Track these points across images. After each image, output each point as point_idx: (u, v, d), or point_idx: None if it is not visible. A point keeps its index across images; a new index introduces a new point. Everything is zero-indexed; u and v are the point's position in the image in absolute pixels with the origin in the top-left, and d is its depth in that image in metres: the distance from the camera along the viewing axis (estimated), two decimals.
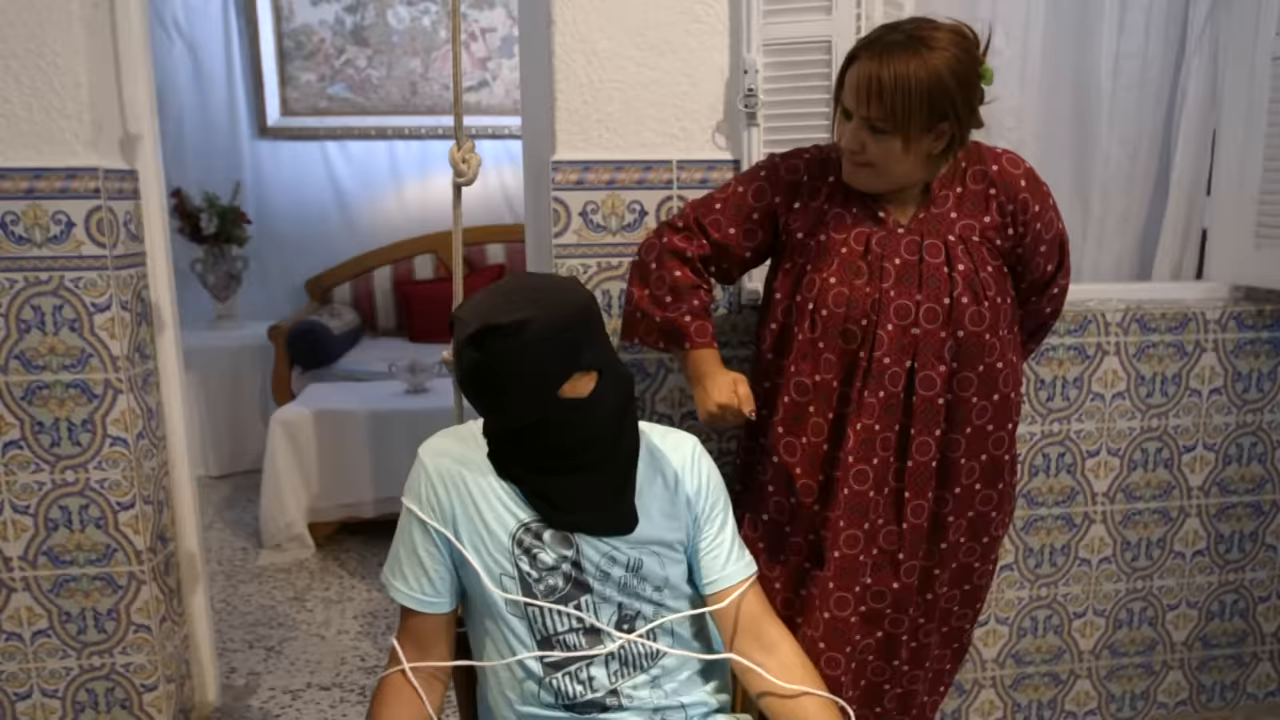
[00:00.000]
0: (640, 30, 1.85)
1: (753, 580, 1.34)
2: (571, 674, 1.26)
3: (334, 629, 2.71)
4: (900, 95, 1.31)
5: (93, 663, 1.99)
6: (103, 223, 1.83)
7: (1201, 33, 2.23)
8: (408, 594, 1.28)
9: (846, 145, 1.41)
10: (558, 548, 1.24)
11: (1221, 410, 2.19)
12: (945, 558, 1.55)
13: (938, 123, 1.35)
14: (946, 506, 1.52)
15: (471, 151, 1.42)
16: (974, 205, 1.46)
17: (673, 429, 1.38)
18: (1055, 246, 1.52)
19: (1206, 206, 2.32)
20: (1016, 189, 1.46)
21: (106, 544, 1.95)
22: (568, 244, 1.88)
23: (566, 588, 1.24)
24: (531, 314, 1.13)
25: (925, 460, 1.47)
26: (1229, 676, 2.35)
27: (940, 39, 1.33)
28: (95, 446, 1.91)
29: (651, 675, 1.29)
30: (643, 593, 1.27)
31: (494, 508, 1.24)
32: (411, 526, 1.27)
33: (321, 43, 4.51)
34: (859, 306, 1.44)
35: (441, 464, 1.26)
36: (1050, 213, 1.49)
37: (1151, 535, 2.22)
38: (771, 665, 1.28)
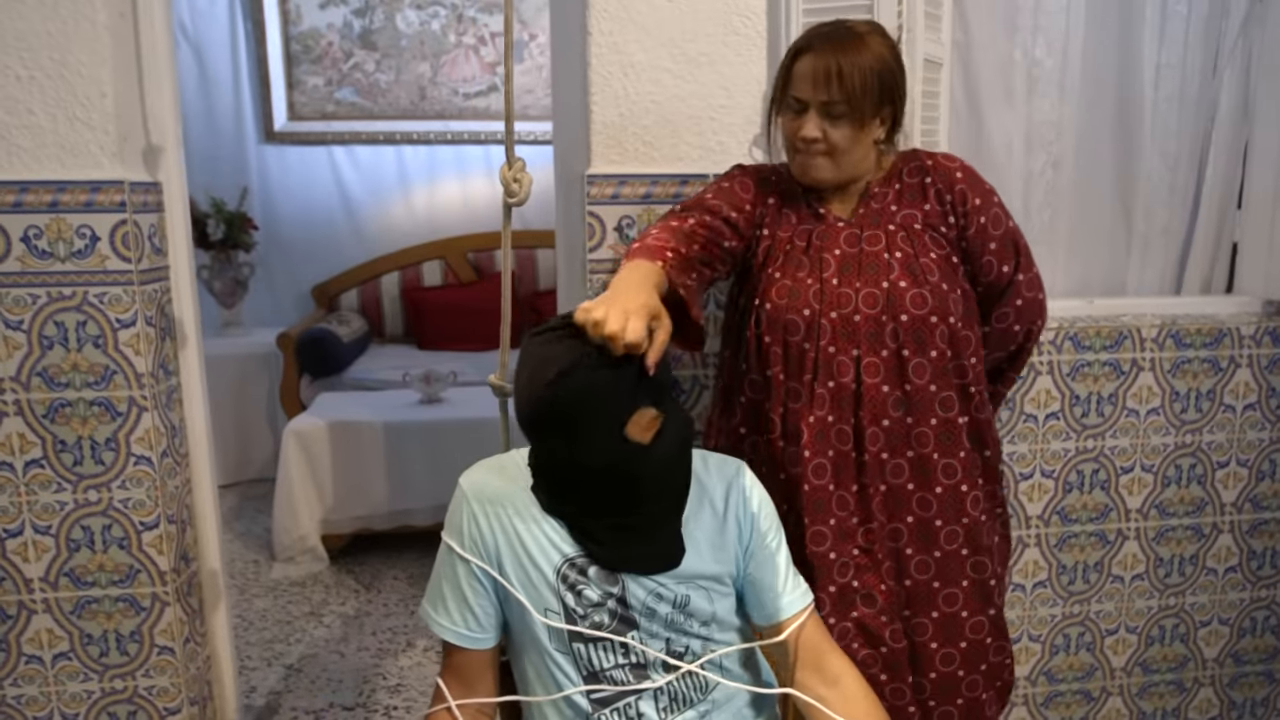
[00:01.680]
0: (677, 42, 1.81)
1: (811, 610, 1.30)
2: (620, 710, 1.22)
3: (354, 645, 2.67)
4: (858, 78, 1.37)
5: (115, 686, 1.95)
6: (128, 236, 1.79)
7: (1234, 45, 2.21)
8: (451, 629, 1.24)
9: (806, 134, 1.44)
10: (603, 584, 1.20)
11: (1255, 426, 2.17)
12: (929, 584, 1.50)
13: (883, 107, 1.42)
14: (930, 510, 1.49)
15: (523, 171, 1.38)
16: (913, 196, 1.50)
17: (717, 454, 1.34)
18: (1007, 244, 1.51)
19: (1237, 220, 2.30)
20: (953, 179, 1.49)
21: (130, 565, 1.90)
22: (603, 259, 1.85)
23: (613, 624, 1.21)
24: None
25: (876, 451, 1.46)
26: (1260, 693, 2.33)
27: (865, 26, 1.43)
28: (119, 465, 1.86)
29: (700, 711, 1.25)
30: (690, 629, 1.24)
31: (539, 541, 1.20)
32: (454, 561, 1.23)
33: (329, 46, 4.47)
34: (801, 297, 1.47)
35: (484, 497, 1.23)
36: (995, 209, 1.50)
37: (1185, 552, 2.20)
38: (834, 699, 1.24)
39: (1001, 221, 1.51)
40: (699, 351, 1.68)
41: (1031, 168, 2.23)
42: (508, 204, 1.40)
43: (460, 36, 4.49)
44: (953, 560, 1.50)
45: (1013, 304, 1.54)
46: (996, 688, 1.58)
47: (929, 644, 1.51)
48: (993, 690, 1.57)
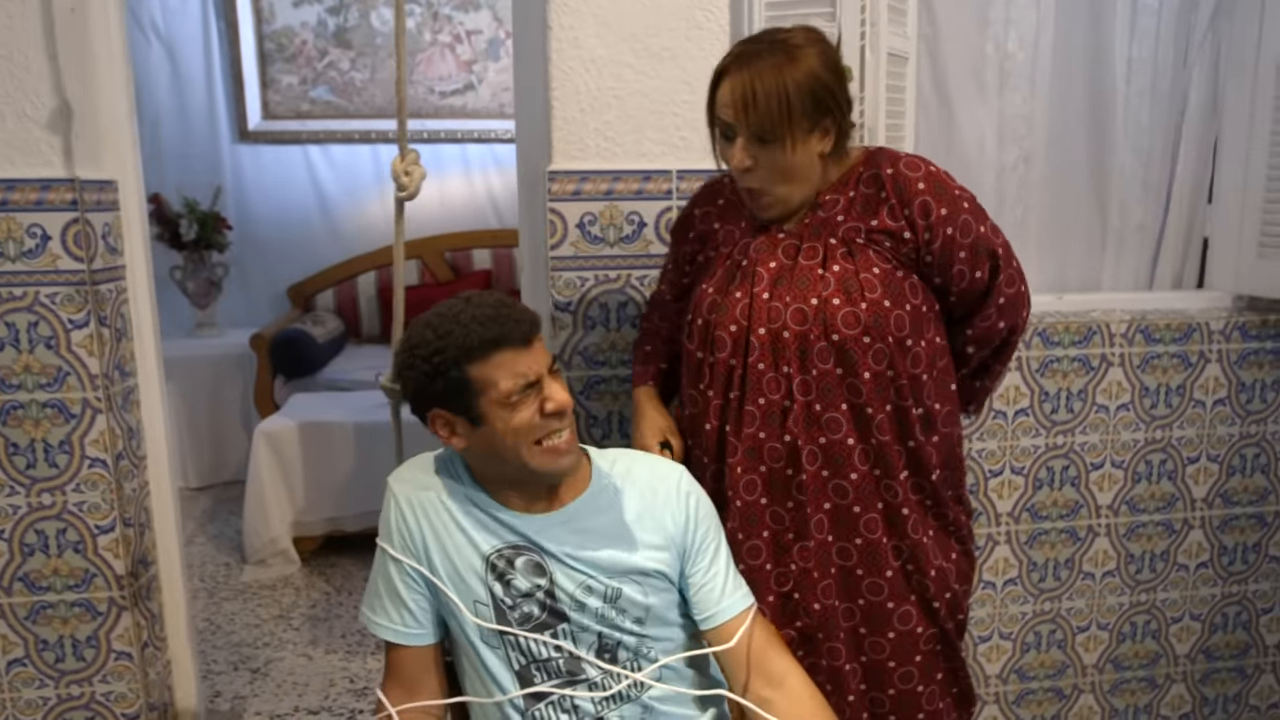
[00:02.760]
0: (639, 37, 1.79)
1: (753, 612, 1.28)
2: (555, 703, 1.22)
3: (321, 648, 2.64)
4: (778, 98, 1.30)
5: (71, 692, 1.92)
6: (80, 235, 1.76)
7: (1203, 40, 2.20)
8: (389, 627, 1.25)
9: (736, 165, 1.37)
10: (530, 576, 1.20)
11: (1225, 421, 2.16)
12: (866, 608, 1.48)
13: (821, 120, 1.34)
14: (875, 532, 1.44)
15: (415, 164, 1.36)
16: (864, 208, 1.40)
17: (661, 459, 1.34)
18: (979, 252, 1.40)
19: (1208, 215, 2.30)
20: (913, 192, 1.38)
21: (85, 569, 1.87)
22: (564, 256, 1.83)
23: (543, 615, 1.21)
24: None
25: (816, 470, 1.41)
26: (1232, 689, 2.32)
27: (799, 37, 1.34)
28: (73, 468, 1.83)
29: (641, 705, 1.24)
30: (621, 624, 1.22)
31: (467, 532, 1.21)
32: (387, 562, 1.24)
33: (303, 45, 4.43)
34: (728, 313, 1.42)
35: (411, 493, 1.24)
36: (964, 216, 1.38)
37: (1155, 548, 2.19)
38: (779, 700, 1.23)
39: (971, 228, 1.39)
40: None
41: (1004, 162, 2.22)
42: (399, 198, 1.39)
43: (436, 35, 4.46)
44: (900, 578, 1.46)
45: (994, 304, 1.45)
46: (954, 694, 1.55)
47: (887, 662, 1.48)
48: (949, 698, 1.55)
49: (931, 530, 1.46)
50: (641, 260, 1.85)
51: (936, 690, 1.52)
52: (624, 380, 1.88)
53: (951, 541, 1.50)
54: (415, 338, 1.16)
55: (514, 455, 1.16)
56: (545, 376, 1.16)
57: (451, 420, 1.17)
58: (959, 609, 1.51)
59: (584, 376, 1.88)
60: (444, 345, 1.12)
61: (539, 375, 1.15)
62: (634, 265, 1.85)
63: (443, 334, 1.13)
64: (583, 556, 1.20)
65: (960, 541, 1.51)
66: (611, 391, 1.88)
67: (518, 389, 1.13)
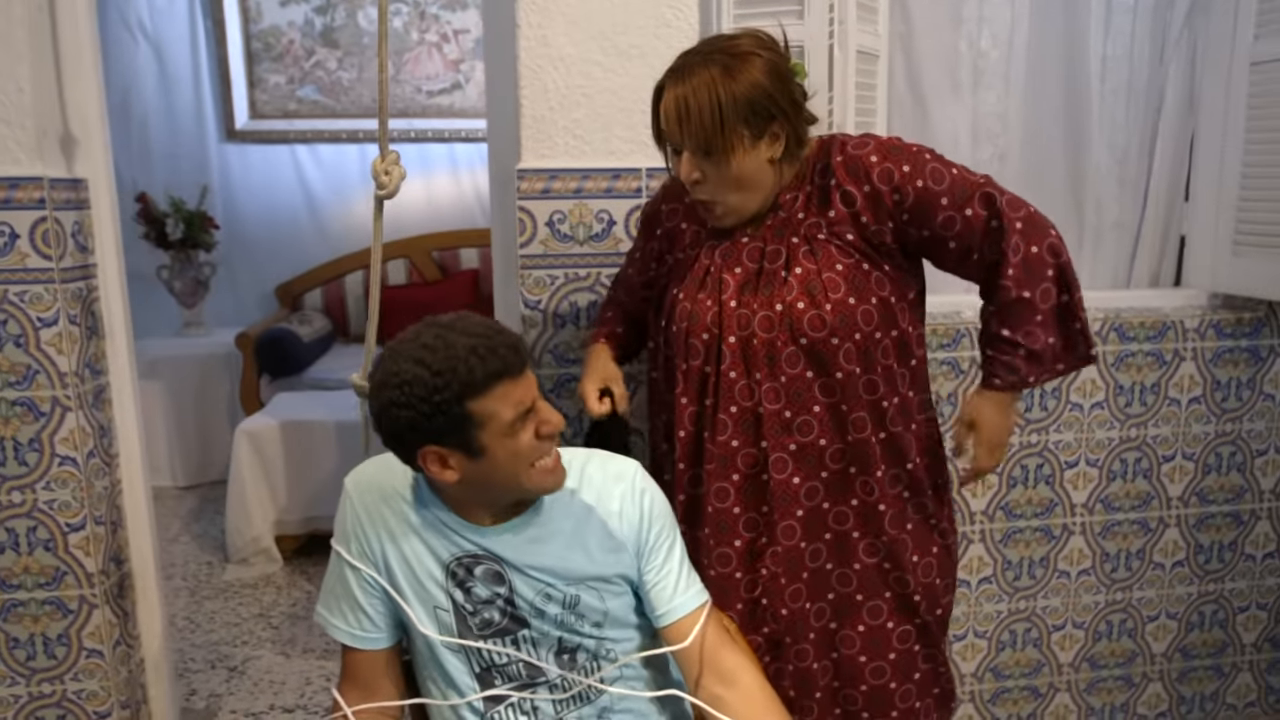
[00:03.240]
0: (608, 35, 1.79)
1: (707, 610, 1.28)
2: (514, 705, 1.22)
3: (299, 647, 2.64)
4: (711, 111, 1.28)
5: (42, 690, 1.91)
6: (49, 234, 1.75)
7: (1179, 37, 2.20)
8: (346, 630, 1.24)
9: (684, 179, 1.36)
10: (490, 584, 1.19)
11: (1201, 420, 2.16)
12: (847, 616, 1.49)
13: (766, 126, 1.32)
14: (846, 524, 1.45)
15: (396, 164, 1.36)
16: (819, 202, 1.39)
17: (616, 456, 1.32)
18: (959, 192, 1.34)
19: (1185, 213, 2.30)
20: (868, 165, 1.36)
21: (56, 567, 1.87)
22: (534, 254, 1.83)
23: (503, 621, 1.20)
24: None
25: (786, 477, 1.41)
26: (1209, 687, 2.32)
27: (741, 44, 1.32)
28: (43, 466, 1.83)
29: (599, 707, 1.24)
30: (581, 629, 1.22)
31: (425, 540, 1.19)
32: (343, 565, 1.23)
33: (290, 44, 4.43)
34: (699, 321, 1.42)
35: (369, 498, 1.22)
36: (931, 163, 1.35)
37: (1131, 546, 2.19)
38: (732, 698, 1.23)
39: (943, 174, 1.34)
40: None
41: (978, 160, 2.21)
42: (378, 196, 1.39)
43: (423, 34, 4.46)
44: (873, 573, 1.46)
45: (1008, 258, 1.34)
46: (935, 695, 1.55)
47: (858, 657, 1.49)
48: (930, 698, 1.55)
49: (911, 524, 1.47)
50: (611, 258, 1.85)
51: (913, 689, 1.52)
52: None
53: (934, 535, 1.50)
54: (406, 374, 1.07)
55: (511, 480, 1.14)
56: (537, 399, 1.15)
57: (446, 455, 1.11)
58: (938, 604, 1.51)
59: (554, 375, 1.88)
60: (444, 383, 1.06)
61: (533, 400, 1.13)
62: (604, 264, 1.85)
63: (439, 371, 1.06)
64: (541, 565, 1.20)
65: (941, 535, 1.51)
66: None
67: (517, 418, 1.11)
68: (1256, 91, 2.03)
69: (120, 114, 4.31)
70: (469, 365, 1.07)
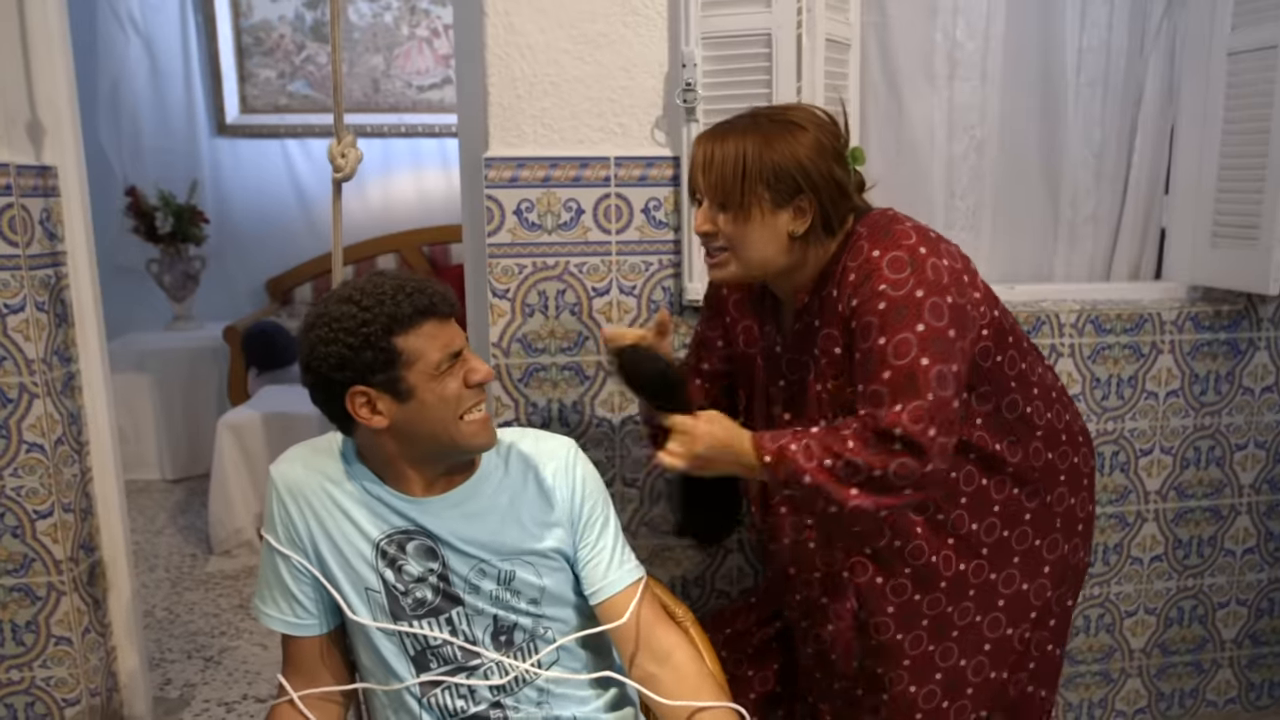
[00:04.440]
0: (575, 23, 1.79)
1: (642, 587, 1.27)
2: (451, 689, 1.21)
3: (277, 638, 2.63)
4: (734, 163, 1.27)
5: (11, 676, 1.92)
6: (14, 220, 1.75)
7: (1159, 27, 2.19)
8: (280, 619, 1.24)
9: (699, 229, 1.35)
10: (422, 560, 1.19)
11: (1179, 413, 2.15)
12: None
13: (792, 198, 1.29)
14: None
15: (352, 146, 1.37)
16: (829, 313, 1.33)
17: (549, 434, 1.32)
18: (869, 361, 1.23)
19: (1165, 204, 2.28)
20: (849, 286, 1.29)
21: (24, 553, 1.87)
22: (501, 243, 1.82)
23: (436, 600, 1.20)
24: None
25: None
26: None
27: (793, 115, 1.31)
28: (10, 453, 1.83)
29: (537, 687, 1.24)
30: (517, 605, 1.22)
31: (354, 519, 1.19)
32: (273, 554, 1.23)
33: (281, 39, 4.43)
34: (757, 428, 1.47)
35: (293, 482, 1.21)
36: (870, 318, 1.23)
37: (1109, 540, 2.18)
38: (666, 676, 1.23)
39: (871, 333, 1.23)
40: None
41: (954, 152, 2.20)
42: (335, 179, 1.40)
43: (413, 29, 4.46)
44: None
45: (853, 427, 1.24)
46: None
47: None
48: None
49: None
50: (579, 247, 1.84)
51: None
52: (563, 368, 1.87)
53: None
54: (335, 312, 1.11)
55: (440, 428, 1.14)
56: (465, 349, 1.16)
57: (374, 397, 1.12)
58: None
59: (523, 364, 1.87)
60: (371, 316, 1.09)
61: (461, 347, 1.15)
62: (572, 252, 1.84)
63: (367, 306, 1.10)
64: (474, 540, 1.20)
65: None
66: (550, 379, 1.88)
67: (445, 359, 1.13)
68: (1234, 82, 2.02)
69: (111, 108, 4.32)
70: (396, 300, 1.10)
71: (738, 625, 1.70)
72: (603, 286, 1.86)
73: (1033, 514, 1.46)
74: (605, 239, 1.84)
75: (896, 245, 1.27)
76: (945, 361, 1.20)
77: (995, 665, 1.47)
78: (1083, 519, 1.53)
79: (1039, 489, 1.46)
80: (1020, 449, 1.43)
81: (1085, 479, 1.53)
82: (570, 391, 1.88)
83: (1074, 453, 1.51)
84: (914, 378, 1.19)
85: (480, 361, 1.17)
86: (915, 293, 1.22)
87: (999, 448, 1.41)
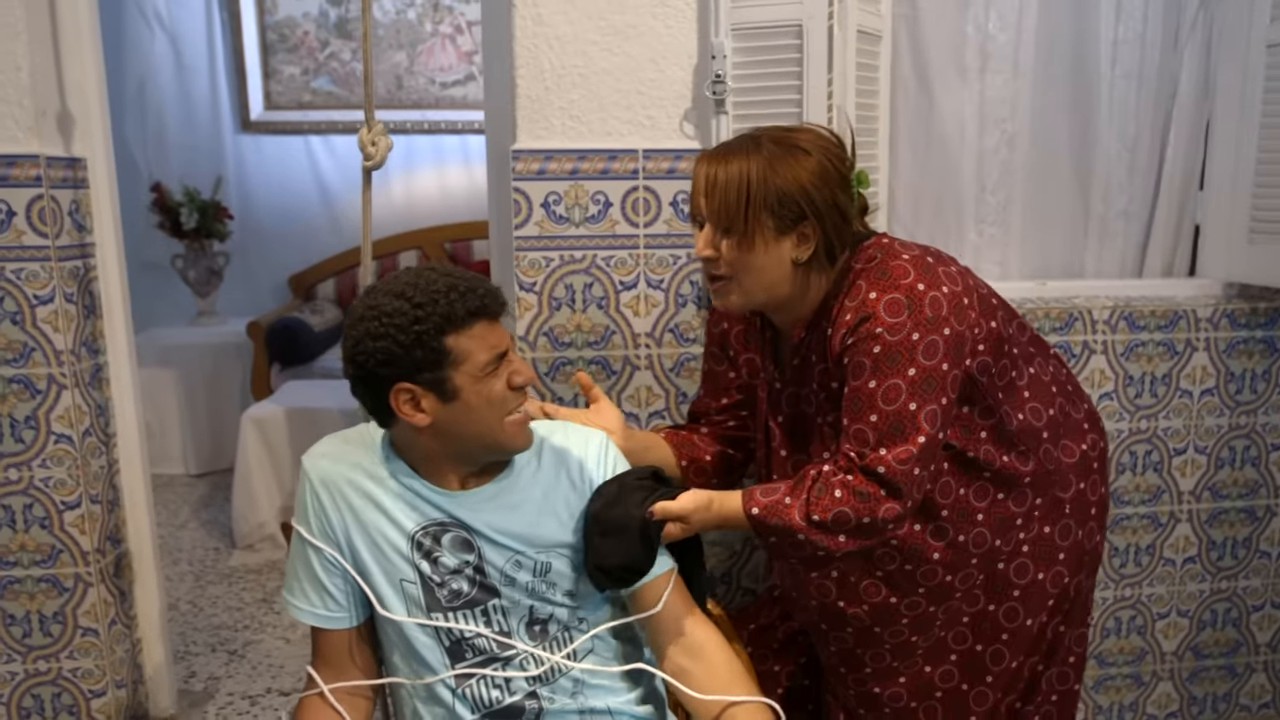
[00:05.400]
0: (604, 14, 1.77)
1: (672, 577, 1.26)
2: (486, 680, 1.20)
3: (300, 632, 2.64)
4: (738, 188, 1.25)
5: (38, 668, 1.92)
6: (45, 211, 1.76)
7: (1195, 19, 2.15)
8: (310, 611, 1.23)
9: (699, 253, 1.32)
10: (458, 552, 1.18)
11: (1213, 412, 2.11)
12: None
13: (795, 224, 1.27)
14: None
15: (382, 135, 1.36)
16: (825, 349, 1.32)
17: (580, 426, 1.33)
18: (855, 402, 1.24)
19: (1200, 200, 2.24)
20: (840, 326, 1.28)
21: (52, 544, 1.88)
22: (529, 236, 1.81)
23: (472, 592, 1.19)
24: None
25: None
26: (1222, 688, 2.26)
27: (797, 138, 1.29)
28: (39, 444, 1.84)
29: (573, 678, 1.23)
30: (552, 597, 1.21)
31: (389, 511, 1.18)
32: (305, 546, 1.21)
33: (305, 36, 4.45)
34: (760, 461, 1.49)
35: (326, 474, 1.20)
36: (861, 358, 1.24)
37: (1140, 541, 2.14)
38: (697, 670, 1.22)
39: (863, 374, 1.23)
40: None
41: (984, 146, 2.17)
42: (365, 168, 1.39)
43: (437, 25, 4.47)
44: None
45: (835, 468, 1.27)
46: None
47: None
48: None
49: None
50: (607, 240, 1.83)
51: None
52: (590, 362, 1.86)
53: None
54: (386, 306, 1.09)
55: (484, 429, 1.14)
56: (510, 349, 1.16)
57: (419, 394, 1.11)
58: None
59: (549, 358, 1.86)
60: (424, 314, 1.08)
61: (506, 348, 1.15)
62: (599, 245, 1.83)
63: (420, 303, 1.09)
64: (510, 531, 1.19)
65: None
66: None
67: (492, 360, 1.12)
68: (1273, 75, 1.98)
69: (136, 104, 4.35)
70: (450, 300, 1.09)
71: (761, 620, 1.69)
72: (630, 280, 1.85)
73: (1044, 509, 1.45)
74: (633, 232, 1.83)
75: (894, 286, 1.25)
76: (935, 400, 1.23)
77: (1014, 653, 1.47)
78: (1095, 503, 1.51)
79: (1053, 488, 1.45)
80: (1031, 457, 1.41)
81: (1095, 463, 1.51)
82: (597, 385, 1.87)
83: (1080, 441, 1.49)
84: (901, 424, 1.22)
85: (524, 364, 1.17)
86: (911, 336, 1.22)
87: (1008, 459, 1.39)
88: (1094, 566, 1.54)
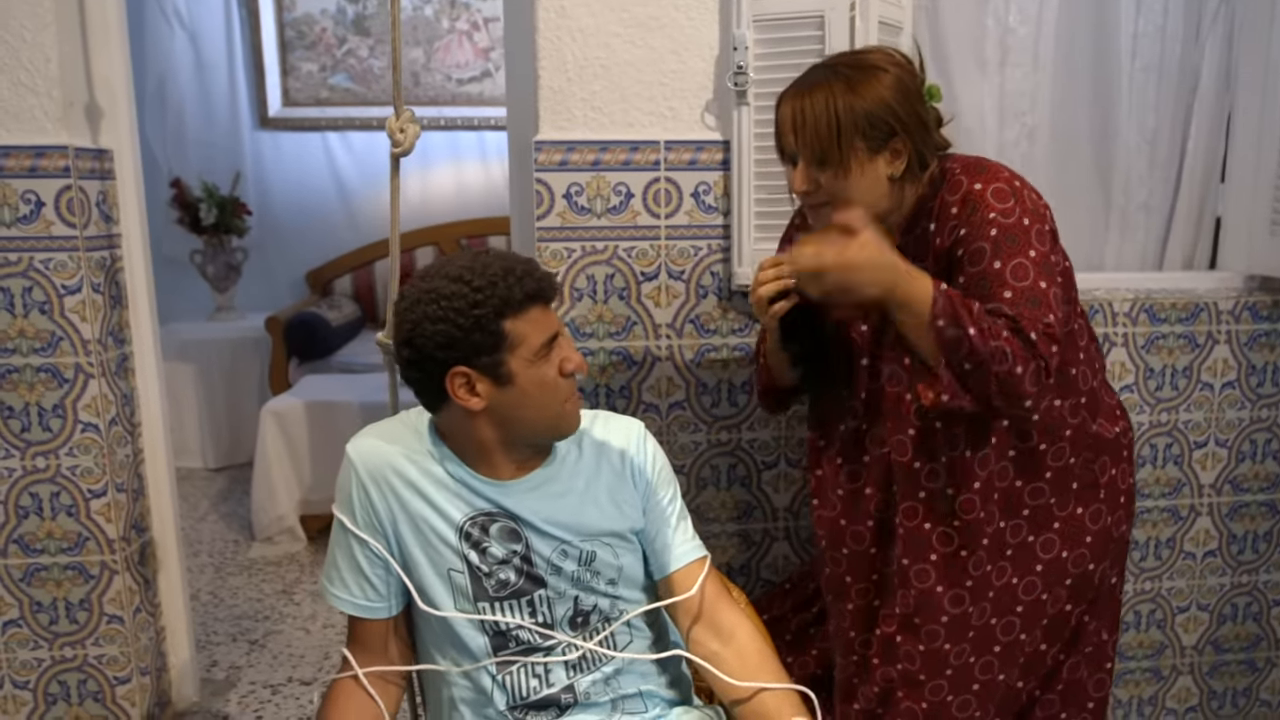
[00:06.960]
0: (626, 6, 1.78)
1: (706, 563, 1.27)
2: (527, 668, 1.21)
3: (320, 622, 2.66)
4: (828, 120, 1.26)
5: (64, 654, 1.95)
6: (73, 202, 1.78)
7: (1216, 12, 2.14)
8: (350, 600, 1.22)
9: (799, 189, 1.33)
10: (505, 542, 1.18)
11: (1235, 405, 2.10)
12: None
13: (887, 141, 1.28)
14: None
15: (411, 122, 1.37)
16: (919, 248, 1.31)
17: (617, 415, 1.32)
18: (978, 285, 1.24)
19: (1220, 193, 2.23)
20: (946, 220, 1.29)
21: (78, 532, 1.90)
22: (550, 227, 1.82)
23: (519, 582, 1.19)
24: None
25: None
26: (1241, 683, 2.26)
27: (869, 58, 1.30)
28: (66, 432, 1.86)
29: (608, 670, 1.24)
30: (597, 586, 1.22)
31: (435, 501, 1.18)
32: (348, 536, 1.21)
33: (323, 32, 4.48)
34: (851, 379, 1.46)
35: (373, 463, 1.19)
36: (981, 243, 1.25)
37: (1161, 534, 2.14)
38: (728, 655, 1.23)
39: (984, 258, 1.23)
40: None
41: (1005, 139, 2.17)
42: (394, 154, 1.40)
43: (454, 22, 4.49)
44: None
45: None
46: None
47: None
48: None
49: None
50: (629, 231, 1.84)
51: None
52: (611, 353, 1.87)
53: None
54: (444, 290, 1.08)
55: (536, 413, 1.14)
56: (561, 333, 1.16)
57: (475, 379, 1.11)
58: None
59: None
60: (484, 298, 1.08)
61: (557, 330, 1.15)
62: (621, 236, 1.84)
63: (479, 287, 1.08)
64: (557, 521, 1.19)
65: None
66: (599, 364, 1.87)
67: (544, 344, 1.12)
68: None
69: (156, 101, 4.38)
70: (508, 283, 1.09)
71: (774, 611, 1.69)
72: (651, 271, 1.85)
73: (1080, 482, 1.45)
74: (654, 223, 1.84)
75: (995, 177, 1.29)
76: (1056, 284, 1.24)
77: (1026, 628, 1.46)
78: (1124, 491, 1.50)
79: (1087, 455, 1.44)
80: (1079, 413, 1.41)
81: (1125, 450, 1.51)
82: (618, 376, 1.88)
83: (1115, 424, 1.49)
84: (1036, 298, 1.21)
85: (574, 350, 1.16)
86: (1023, 220, 1.25)
87: (1058, 404, 1.38)
88: (1119, 556, 1.53)
